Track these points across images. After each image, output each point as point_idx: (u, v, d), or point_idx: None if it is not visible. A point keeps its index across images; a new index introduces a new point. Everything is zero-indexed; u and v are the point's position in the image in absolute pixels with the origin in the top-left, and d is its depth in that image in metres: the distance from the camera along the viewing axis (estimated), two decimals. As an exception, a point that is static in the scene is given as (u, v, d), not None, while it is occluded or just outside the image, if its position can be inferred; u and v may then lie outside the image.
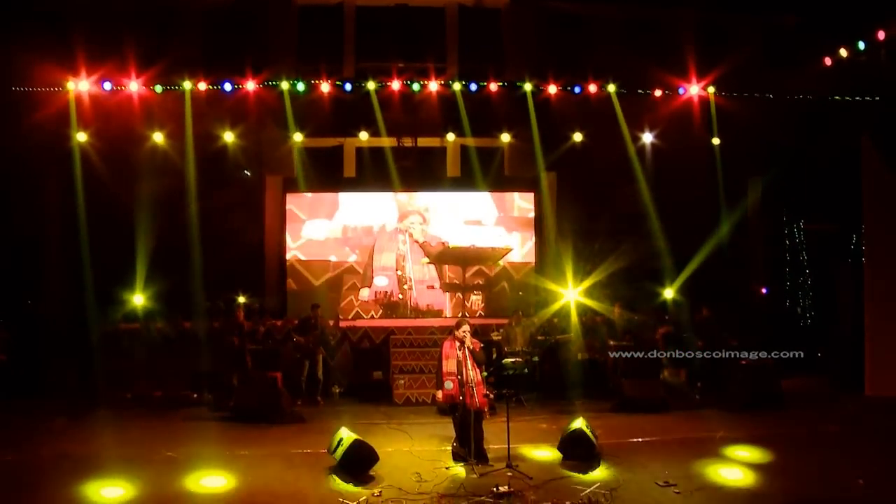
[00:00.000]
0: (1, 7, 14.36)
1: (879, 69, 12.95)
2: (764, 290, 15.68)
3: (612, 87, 14.44)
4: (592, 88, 14.51)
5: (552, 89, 14.50)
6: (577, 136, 15.26)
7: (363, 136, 15.28)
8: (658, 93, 14.60)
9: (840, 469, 9.25)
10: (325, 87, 14.30)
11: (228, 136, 14.94)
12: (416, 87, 14.38)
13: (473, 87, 14.44)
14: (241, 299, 14.57)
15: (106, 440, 10.54)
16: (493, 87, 14.41)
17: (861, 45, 13.14)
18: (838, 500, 8.47)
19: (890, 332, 13.14)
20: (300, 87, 14.29)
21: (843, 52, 13.49)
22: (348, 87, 14.41)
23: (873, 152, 13.53)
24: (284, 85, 14.22)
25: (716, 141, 15.12)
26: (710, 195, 15.15)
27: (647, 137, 15.17)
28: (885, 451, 9.86)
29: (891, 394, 12.63)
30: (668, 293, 14.78)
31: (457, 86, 14.40)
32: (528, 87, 14.43)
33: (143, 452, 9.85)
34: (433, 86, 14.42)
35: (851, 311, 14.03)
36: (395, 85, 14.34)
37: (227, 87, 14.17)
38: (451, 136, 15.79)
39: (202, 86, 14.15)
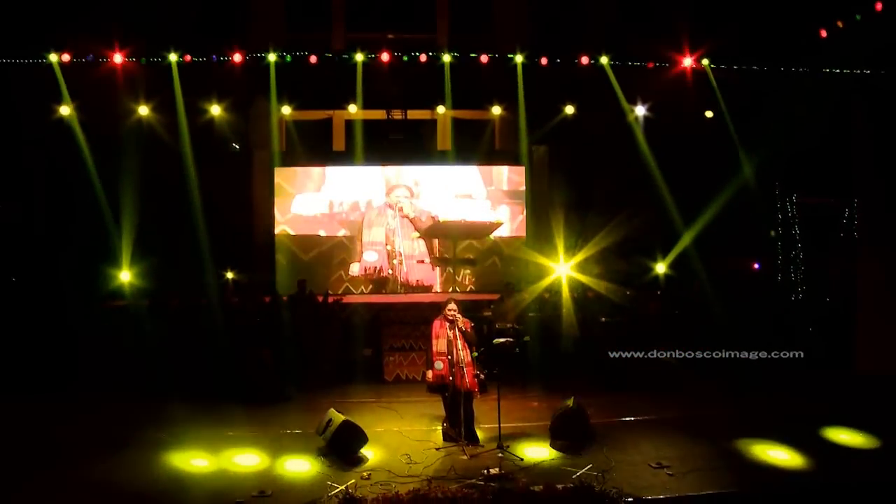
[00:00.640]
0: None
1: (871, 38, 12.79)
2: (756, 265, 15.60)
3: (604, 59, 14.16)
4: (585, 60, 14.24)
5: (544, 61, 14.24)
6: (570, 109, 15.09)
7: (352, 108, 15.04)
8: (651, 65, 14.37)
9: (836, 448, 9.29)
10: (313, 59, 13.99)
11: (215, 110, 14.71)
12: (406, 58, 14.09)
13: (464, 59, 14.17)
14: (230, 275, 14.43)
15: (92, 421, 10.41)
16: (485, 58, 14.13)
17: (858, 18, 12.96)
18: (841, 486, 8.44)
19: (882, 308, 13.08)
20: (288, 59, 13.99)
21: (839, 24, 13.32)
22: (337, 59, 14.13)
23: (866, 125, 13.39)
24: (272, 57, 13.91)
25: (709, 114, 14.95)
26: (704, 169, 14.98)
27: (640, 110, 14.96)
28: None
29: (881, 371, 12.51)
30: (661, 268, 14.69)
31: (447, 57, 14.09)
32: (519, 58, 14.16)
33: (131, 433, 9.77)
34: (423, 57, 14.12)
35: (843, 286, 13.97)
36: (385, 57, 14.04)
37: (214, 58, 13.89)
38: (441, 109, 15.58)
39: (188, 58, 13.84)
